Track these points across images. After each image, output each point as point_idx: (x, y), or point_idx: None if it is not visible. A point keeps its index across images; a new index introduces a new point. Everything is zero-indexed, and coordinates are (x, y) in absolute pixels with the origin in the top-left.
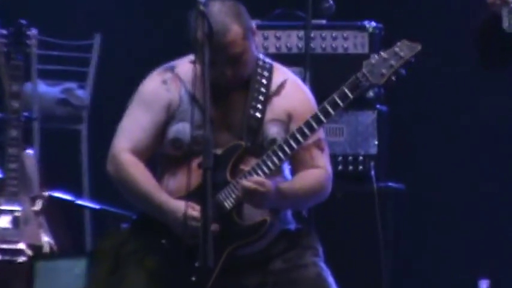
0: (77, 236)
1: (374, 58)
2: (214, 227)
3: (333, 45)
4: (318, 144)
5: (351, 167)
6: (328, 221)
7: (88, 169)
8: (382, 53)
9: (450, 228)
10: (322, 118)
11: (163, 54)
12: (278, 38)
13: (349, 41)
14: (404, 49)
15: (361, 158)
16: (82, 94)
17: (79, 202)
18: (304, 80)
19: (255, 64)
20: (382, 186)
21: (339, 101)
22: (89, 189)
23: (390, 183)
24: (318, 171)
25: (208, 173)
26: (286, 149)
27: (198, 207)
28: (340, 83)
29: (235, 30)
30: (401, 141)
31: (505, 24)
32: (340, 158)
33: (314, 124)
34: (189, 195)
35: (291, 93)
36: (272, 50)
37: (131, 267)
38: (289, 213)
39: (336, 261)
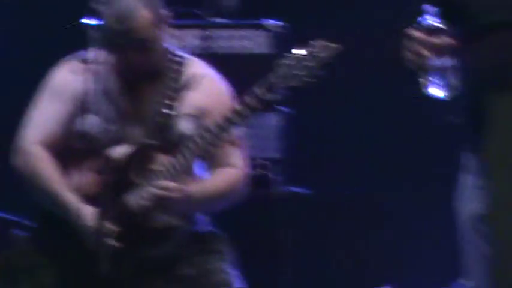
0: None
1: (287, 58)
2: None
3: (234, 44)
4: (233, 142)
5: (254, 171)
6: (232, 225)
7: None
8: (295, 53)
9: (354, 234)
10: (236, 119)
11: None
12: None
13: (249, 40)
14: (320, 49)
15: (265, 161)
16: None
17: None
18: None
19: (167, 56)
20: (286, 190)
21: (253, 103)
22: None
23: (294, 188)
24: (234, 170)
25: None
26: (199, 145)
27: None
28: (244, 83)
29: (144, 15)
30: (307, 144)
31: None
32: None
33: (227, 123)
34: (96, 196)
35: (207, 88)
36: None
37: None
38: (199, 215)
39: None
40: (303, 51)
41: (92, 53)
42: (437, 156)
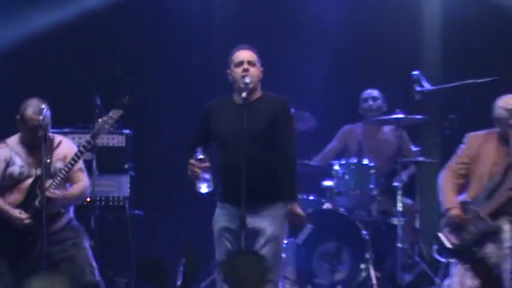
0: None
1: (98, 123)
2: (28, 219)
3: None
4: (79, 169)
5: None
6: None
7: None
8: (105, 118)
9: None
10: (78, 156)
11: None
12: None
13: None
14: (114, 114)
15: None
16: None
17: None
18: None
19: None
20: (131, 212)
21: (85, 147)
22: None
23: (135, 211)
24: (81, 183)
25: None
26: (64, 172)
27: (23, 214)
28: None
29: (37, 119)
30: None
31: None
32: None
33: (76, 159)
34: (20, 204)
35: (65, 147)
36: None
37: None
38: (71, 213)
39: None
40: (106, 117)
41: (10, 139)
42: None
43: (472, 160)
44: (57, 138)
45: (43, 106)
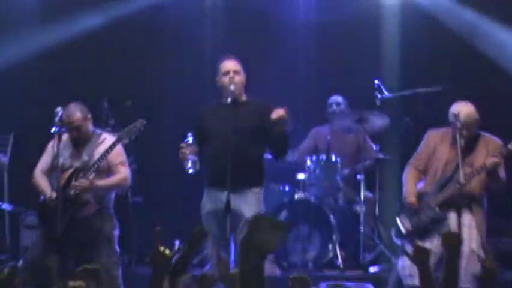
0: None
1: (124, 130)
2: (53, 202)
3: None
4: (120, 162)
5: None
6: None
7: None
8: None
9: None
10: (105, 156)
11: None
12: None
13: None
14: (138, 124)
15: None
16: None
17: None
18: None
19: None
20: (132, 200)
21: (111, 148)
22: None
23: (136, 199)
24: (119, 175)
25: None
26: (94, 168)
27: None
28: None
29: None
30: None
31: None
32: None
33: (103, 158)
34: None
35: (107, 143)
36: None
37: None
38: (108, 199)
39: None
40: (132, 126)
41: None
42: None
43: (429, 156)
44: (103, 135)
45: (76, 111)
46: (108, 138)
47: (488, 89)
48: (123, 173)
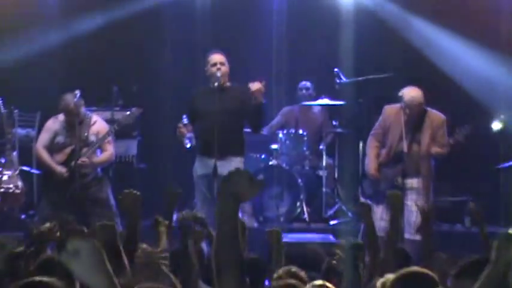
0: None
1: (124, 116)
2: (66, 173)
3: None
4: (108, 141)
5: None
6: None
7: None
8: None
9: None
10: (108, 134)
11: None
12: None
13: None
14: (136, 111)
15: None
16: None
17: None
18: None
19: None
20: (137, 166)
21: (114, 129)
22: None
23: (140, 165)
24: (108, 152)
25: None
26: (96, 145)
27: (63, 169)
28: None
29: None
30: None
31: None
32: None
33: (106, 137)
34: (62, 163)
35: (97, 124)
36: None
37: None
38: (99, 169)
39: None
40: (130, 113)
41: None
42: None
43: (385, 130)
44: (94, 118)
45: (71, 99)
46: (98, 120)
47: (430, 76)
48: (110, 150)
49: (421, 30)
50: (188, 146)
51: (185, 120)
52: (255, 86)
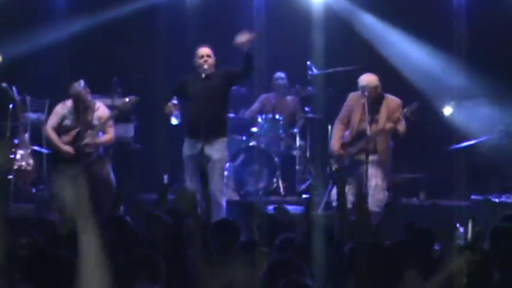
0: None
1: (123, 102)
2: (72, 152)
3: None
4: (109, 125)
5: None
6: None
7: None
8: (126, 101)
9: None
10: (109, 119)
11: None
12: None
13: None
14: (133, 100)
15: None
16: None
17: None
18: None
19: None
20: (133, 146)
21: (115, 114)
22: None
23: (136, 145)
24: (109, 135)
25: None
26: (98, 128)
27: (70, 149)
28: None
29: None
30: None
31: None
32: None
33: (108, 120)
34: (69, 143)
35: (100, 110)
36: None
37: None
38: (101, 149)
39: None
40: (129, 100)
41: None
42: None
43: (349, 114)
44: (97, 104)
45: (78, 87)
46: (101, 106)
47: (388, 70)
48: (110, 133)
49: (382, 32)
50: (175, 122)
51: (174, 101)
52: (241, 37)
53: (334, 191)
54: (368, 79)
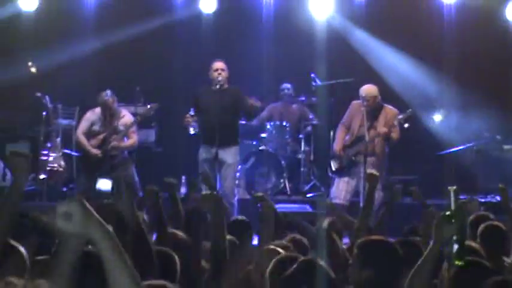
0: None
1: (146, 109)
2: (100, 155)
3: None
4: (133, 131)
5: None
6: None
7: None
8: (148, 107)
9: None
10: (133, 124)
11: None
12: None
13: None
14: (154, 106)
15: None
16: None
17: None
18: None
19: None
20: (154, 150)
21: (137, 120)
22: None
23: (158, 149)
24: (133, 140)
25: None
26: (124, 133)
27: (98, 151)
28: None
29: (108, 98)
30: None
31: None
32: None
33: (131, 126)
34: (97, 147)
35: (126, 117)
36: None
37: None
38: (126, 152)
39: None
40: (150, 107)
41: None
42: None
43: (350, 120)
44: (123, 112)
45: (106, 96)
46: (126, 114)
47: (386, 82)
48: (134, 138)
49: (374, 46)
50: (192, 132)
51: (192, 112)
52: (253, 101)
53: (333, 190)
54: (368, 89)
